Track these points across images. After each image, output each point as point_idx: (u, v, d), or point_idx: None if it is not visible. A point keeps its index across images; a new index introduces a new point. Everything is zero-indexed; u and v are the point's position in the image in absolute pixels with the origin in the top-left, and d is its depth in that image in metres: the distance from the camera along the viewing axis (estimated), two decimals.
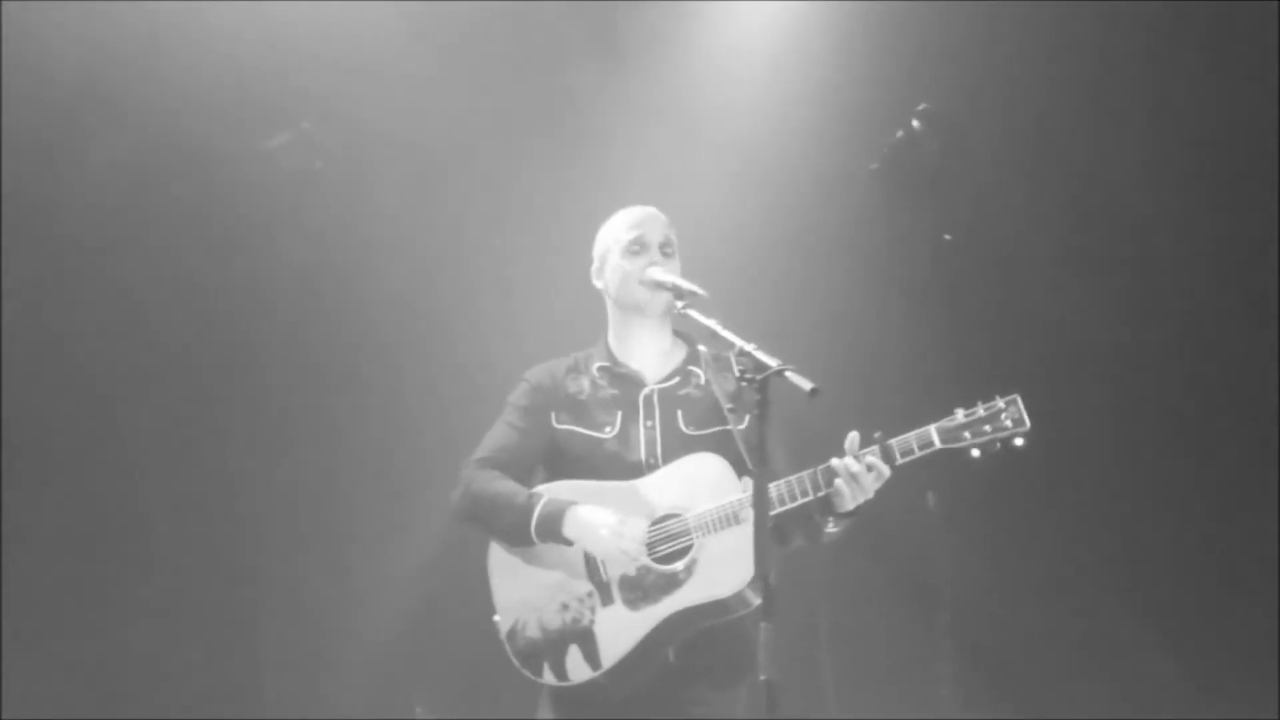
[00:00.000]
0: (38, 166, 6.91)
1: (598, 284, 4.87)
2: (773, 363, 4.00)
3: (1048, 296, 7.07)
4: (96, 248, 7.09)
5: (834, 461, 4.46)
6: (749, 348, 4.07)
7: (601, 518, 4.53)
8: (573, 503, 4.57)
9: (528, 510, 4.59)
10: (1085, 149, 7.00)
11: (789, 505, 4.48)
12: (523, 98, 7.20)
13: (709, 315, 4.36)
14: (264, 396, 7.34)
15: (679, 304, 4.53)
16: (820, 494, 4.46)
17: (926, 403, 4.53)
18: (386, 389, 7.33)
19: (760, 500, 3.97)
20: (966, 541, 6.92)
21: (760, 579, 3.92)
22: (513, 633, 4.65)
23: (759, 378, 3.99)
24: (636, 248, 4.75)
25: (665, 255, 4.74)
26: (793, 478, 4.48)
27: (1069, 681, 6.97)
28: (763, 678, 3.85)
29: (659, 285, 4.65)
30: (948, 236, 6.94)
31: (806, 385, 3.96)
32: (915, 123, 6.86)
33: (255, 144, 7.18)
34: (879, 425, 4.47)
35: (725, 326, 4.25)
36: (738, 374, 4.08)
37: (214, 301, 7.27)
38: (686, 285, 4.56)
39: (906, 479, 4.52)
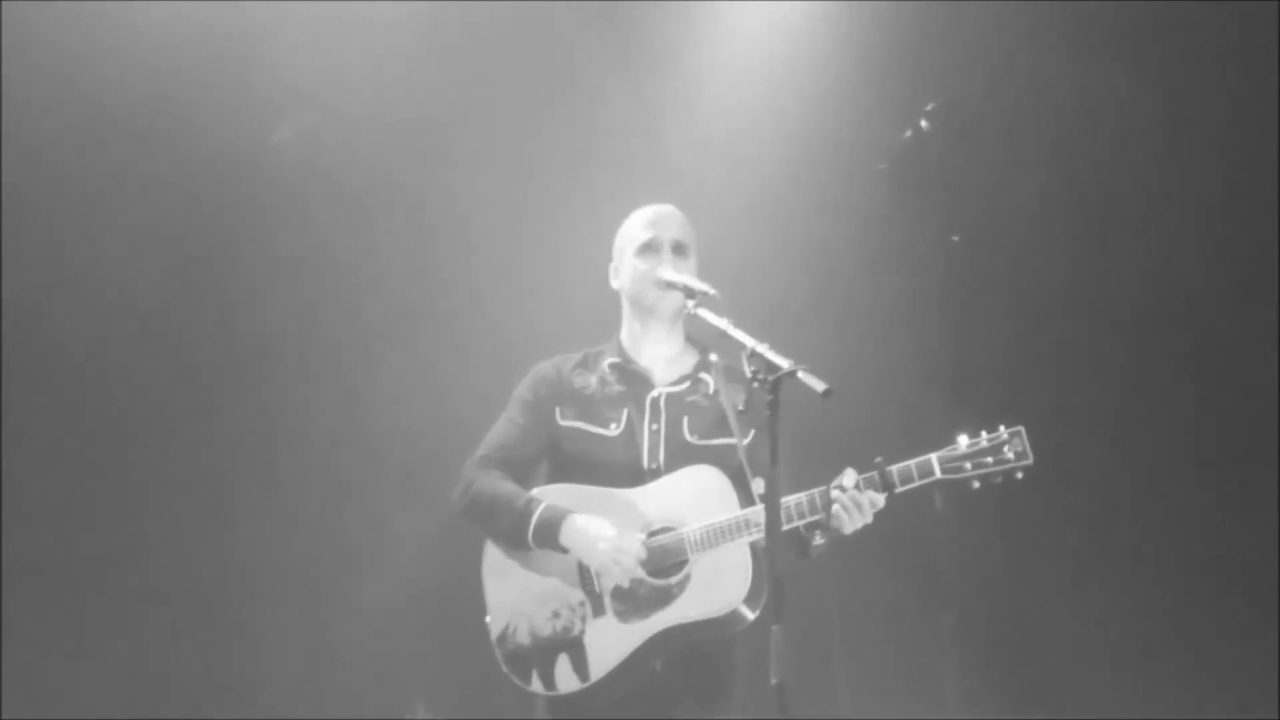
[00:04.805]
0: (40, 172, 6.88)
1: (615, 284, 4.85)
2: (784, 363, 3.95)
3: (1055, 297, 7.06)
4: (94, 244, 7.06)
5: (834, 492, 4.41)
6: (761, 348, 4.02)
7: (599, 530, 4.49)
8: (570, 511, 4.53)
9: (525, 515, 4.56)
10: (1096, 147, 6.99)
11: (791, 524, 4.44)
12: (535, 97, 7.18)
13: (720, 315, 4.30)
14: (265, 393, 7.28)
15: (690, 304, 4.47)
16: (819, 516, 4.42)
17: (934, 403, 4.51)
18: (392, 386, 7.28)
19: (772, 500, 3.91)
20: (973, 541, 6.91)
21: (772, 580, 3.88)
22: (503, 637, 4.62)
23: (771, 378, 3.94)
24: (649, 248, 4.72)
25: (678, 255, 4.71)
26: (793, 498, 4.44)
27: (1073, 680, 6.97)
28: (774, 681, 3.82)
29: (669, 285, 4.62)
30: (955, 238, 6.94)
31: (819, 386, 3.92)
32: (923, 123, 6.86)
33: (261, 138, 7.15)
34: (884, 428, 4.45)
35: (737, 327, 4.20)
36: (749, 374, 4.00)
37: (215, 297, 7.24)
38: (698, 285, 4.50)
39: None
